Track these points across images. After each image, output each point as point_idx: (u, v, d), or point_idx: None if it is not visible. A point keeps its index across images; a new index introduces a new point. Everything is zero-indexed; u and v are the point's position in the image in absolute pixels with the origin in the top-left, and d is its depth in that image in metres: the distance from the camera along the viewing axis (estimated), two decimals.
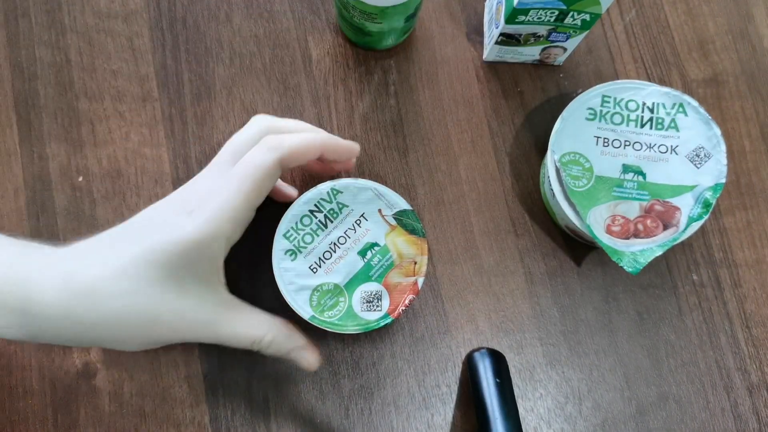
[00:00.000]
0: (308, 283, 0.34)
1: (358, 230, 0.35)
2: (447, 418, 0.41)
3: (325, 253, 0.34)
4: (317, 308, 0.34)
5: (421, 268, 0.35)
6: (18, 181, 0.43)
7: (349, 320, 0.34)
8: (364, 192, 0.35)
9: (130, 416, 0.41)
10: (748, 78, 0.47)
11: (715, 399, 0.42)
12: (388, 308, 0.34)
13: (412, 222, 0.35)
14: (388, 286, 0.34)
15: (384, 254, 0.35)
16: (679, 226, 0.39)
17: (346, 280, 0.34)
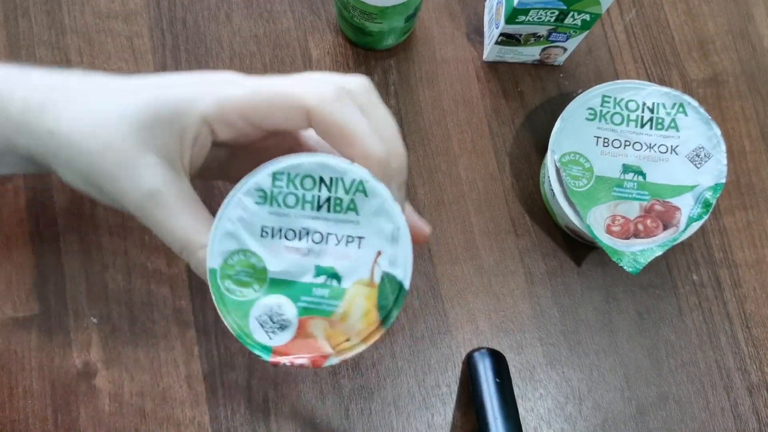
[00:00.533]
0: (244, 239, 0.25)
1: (339, 246, 0.25)
2: (447, 418, 0.41)
3: (289, 232, 0.25)
4: (226, 269, 0.25)
5: (345, 350, 0.25)
6: (18, 181, 0.43)
7: (237, 313, 0.25)
8: (385, 222, 0.25)
9: (130, 416, 0.41)
10: (748, 78, 0.47)
11: (715, 399, 0.42)
12: (277, 345, 0.25)
13: (391, 298, 0.25)
14: (302, 327, 0.25)
15: (334, 296, 0.25)
16: (679, 226, 0.39)
17: (278, 276, 0.25)
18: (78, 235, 0.42)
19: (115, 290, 0.42)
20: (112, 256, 0.42)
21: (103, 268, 0.42)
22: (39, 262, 0.42)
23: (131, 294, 0.42)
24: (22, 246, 0.42)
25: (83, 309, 0.42)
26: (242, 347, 0.42)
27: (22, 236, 0.42)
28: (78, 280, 0.42)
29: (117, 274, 0.42)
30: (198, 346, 0.41)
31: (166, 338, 0.41)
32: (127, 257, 0.42)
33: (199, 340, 0.41)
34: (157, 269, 0.42)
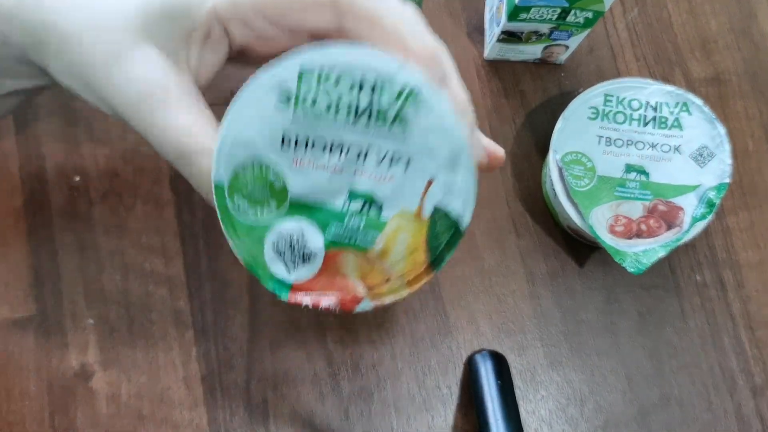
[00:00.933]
0: (260, 149, 0.20)
1: (381, 168, 0.20)
2: (448, 420, 0.41)
3: (317, 144, 0.20)
4: (236, 184, 0.20)
5: (383, 294, 0.21)
6: (15, 181, 0.43)
7: (249, 239, 0.20)
8: (442, 142, 0.19)
9: (127, 418, 0.40)
10: (751, 77, 0.47)
11: (718, 401, 0.42)
12: (298, 281, 0.21)
13: (443, 239, 0.20)
14: (330, 262, 0.21)
15: (371, 230, 0.20)
16: (683, 226, 0.39)
17: (302, 199, 0.20)
18: (74, 235, 0.42)
19: (113, 291, 0.42)
20: (109, 257, 0.42)
21: (100, 268, 0.42)
22: (35, 262, 0.42)
23: (128, 295, 0.42)
24: (18, 246, 0.42)
25: (80, 310, 0.41)
26: (241, 346, 0.41)
27: (19, 236, 0.42)
28: (75, 281, 0.42)
29: (114, 275, 0.42)
30: (196, 347, 0.41)
31: (164, 339, 0.41)
32: (124, 257, 0.42)
33: (197, 341, 0.41)
34: (154, 270, 0.42)
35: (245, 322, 0.41)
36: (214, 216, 0.43)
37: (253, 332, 0.41)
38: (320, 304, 0.21)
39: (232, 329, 0.41)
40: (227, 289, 0.42)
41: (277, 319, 0.42)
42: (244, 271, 0.42)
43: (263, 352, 0.41)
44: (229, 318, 0.42)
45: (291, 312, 0.42)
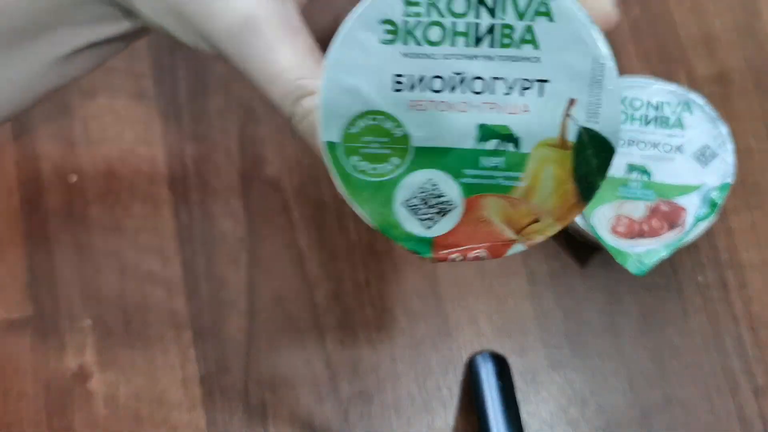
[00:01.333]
0: (370, 96, 0.18)
1: (512, 96, 0.18)
2: (448, 421, 0.41)
3: (435, 81, 0.18)
4: (349, 141, 0.18)
5: (534, 233, 0.19)
6: (11, 181, 0.42)
7: (375, 200, 0.19)
8: (580, 57, 0.17)
9: (125, 420, 0.40)
10: (755, 76, 0.46)
11: (720, 402, 0.42)
12: (440, 235, 0.19)
13: (594, 162, 0.18)
14: (471, 210, 0.19)
15: (512, 166, 0.18)
16: (685, 227, 0.39)
17: (426, 144, 0.18)
18: (71, 235, 0.42)
19: (110, 292, 0.41)
20: (106, 257, 0.42)
21: (97, 269, 0.42)
22: (32, 263, 0.41)
23: (126, 296, 0.41)
24: (14, 247, 0.42)
25: (77, 311, 0.41)
26: (239, 348, 0.41)
27: (15, 237, 0.42)
28: (72, 282, 0.41)
29: (111, 276, 0.41)
30: (194, 348, 0.41)
31: (162, 341, 0.41)
32: (121, 258, 0.42)
33: (195, 342, 0.41)
34: (151, 270, 0.42)
35: (243, 324, 0.41)
36: (214, 215, 0.42)
37: (251, 334, 0.41)
38: (469, 256, 0.19)
39: (230, 331, 0.41)
40: (225, 290, 0.42)
41: (275, 321, 0.41)
42: (242, 272, 0.42)
43: (261, 353, 0.41)
44: (227, 319, 0.41)
45: (290, 313, 0.42)
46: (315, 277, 0.42)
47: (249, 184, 0.43)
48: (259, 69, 0.19)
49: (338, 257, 0.42)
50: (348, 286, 0.42)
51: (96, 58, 0.26)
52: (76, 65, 0.25)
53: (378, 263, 0.42)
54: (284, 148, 0.43)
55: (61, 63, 0.25)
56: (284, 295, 0.42)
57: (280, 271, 0.42)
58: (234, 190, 0.43)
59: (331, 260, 0.42)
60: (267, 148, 0.43)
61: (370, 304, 0.42)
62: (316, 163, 0.43)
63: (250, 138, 0.43)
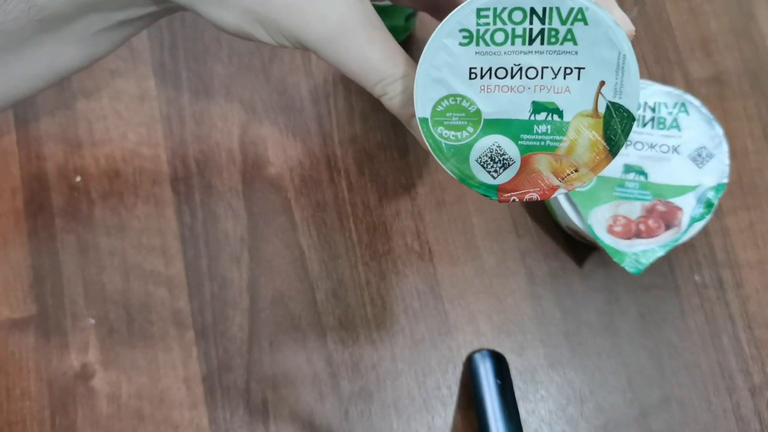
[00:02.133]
0: (452, 84, 0.24)
1: (557, 80, 0.24)
2: (448, 420, 0.41)
3: (500, 70, 0.24)
4: (436, 116, 0.24)
5: (573, 180, 0.25)
6: (15, 181, 0.43)
7: (456, 158, 0.25)
8: (608, 51, 0.23)
9: (127, 418, 0.40)
10: (751, 77, 0.47)
11: (718, 401, 0.42)
12: (503, 183, 0.25)
13: (619, 127, 0.24)
14: (526, 164, 0.25)
15: (557, 131, 0.24)
16: (682, 227, 0.39)
17: (493, 117, 0.24)
18: (75, 235, 0.42)
19: (113, 291, 0.42)
20: (109, 257, 0.42)
21: (101, 269, 0.42)
22: (36, 262, 0.42)
23: (129, 295, 0.42)
24: (19, 247, 0.42)
25: (81, 310, 0.41)
26: (240, 347, 0.41)
27: (19, 237, 0.42)
28: (75, 281, 0.42)
29: (114, 275, 0.42)
30: (196, 347, 0.41)
31: (164, 340, 0.41)
32: (125, 258, 0.42)
33: (197, 341, 0.41)
34: (154, 270, 0.42)
35: (245, 323, 0.42)
36: (216, 216, 0.43)
37: (253, 332, 0.41)
38: (524, 197, 0.25)
39: (232, 329, 0.41)
40: (227, 289, 0.42)
41: (276, 320, 0.42)
42: (243, 272, 0.42)
43: (263, 352, 0.41)
44: (229, 318, 0.42)
45: (291, 312, 0.42)
46: (316, 276, 0.42)
47: (251, 185, 0.43)
48: (354, 65, 0.24)
49: (339, 257, 0.43)
50: (348, 286, 0.42)
51: (123, 35, 0.27)
52: (104, 44, 0.26)
53: (378, 263, 0.43)
54: (285, 149, 0.44)
55: (90, 42, 0.26)
56: (285, 295, 0.42)
57: (282, 270, 0.42)
58: (236, 190, 0.43)
59: (331, 260, 0.42)
60: (268, 149, 0.44)
61: (370, 303, 0.42)
62: (317, 163, 0.44)
63: (252, 139, 0.44)
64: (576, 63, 0.24)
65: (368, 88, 0.25)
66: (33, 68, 0.26)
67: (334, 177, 0.44)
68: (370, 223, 0.43)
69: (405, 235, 0.43)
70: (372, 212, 0.43)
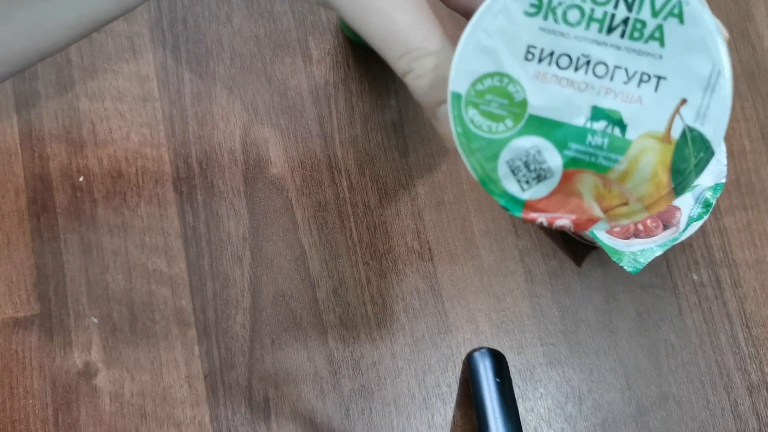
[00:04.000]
0: (503, 60, 0.19)
1: (629, 86, 0.19)
2: (447, 417, 0.41)
3: (563, 58, 0.19)
4: (473, 95, 0.19)
5: (619, 216, 0.20)
6: (19, 181, 0.43)
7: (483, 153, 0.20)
8: (701, 61, 0.18)
9: (130, 416, 0.41)
10: (748, 78, 0.47)
11: (715, 399, 0.42)
12: (531, 199, 0.20)
13: (692, 161, 0.19)
14: (566, 181, 0.20)
15: (615, 148, 0.19)
16: (680, 226, 0.39)
17: (540, 113, 0.19)
18: (78, 235, 0.42)
19: (116, 290, 0.42)
20: (112, 256, 0.42)
21: (104, 268, 0.42)
22: (39, 262, 0.42)
23: (132, 294, 0.42)
24: (22, 246, 0.42)
25: (84, 309, 0.42)
26: (242, 345, 0.42)
27: (23, 236, 0.42)
28: (78, 280, 0.42)
29: (117, 274, 0.42)
30: (198, 345, 0.41)
31: (167, 338, 0.41)
32: (128, 257, 0.42)
33: (199, 339, 0.41)
34: (157, 269, 0.42)
35: (247, 321, 0.42)
36: (218, 215, 0.43)
37: (255, 331, 0.42)
38: (555, 223, 0.20)
39: (234, 328, 0.42)
40: (229, 288, 0.42)
41: (278, 318, 0.42)
42: (245, 271, 0.42)
43: (264, 350, 0.42)
44: (231, 317, 0.42)
45: (292, 310, 0.43)
46: (317, 275, 0.43)
47: (253, 185, 0.43)
48: (379, 27, 0.20)
49: (340, 256, 0.43)
50: (349, 285, 0.43)
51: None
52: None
53: (379, 262, 0.43)
54: (287, 150, 0.44)
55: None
56: (287, 293, 0.42)
57: (283, 269, 0.43)
58: (238, 190, 0.43)
59: (332, 259, 0.43)
60: (270, 150, 0.44)
61: (371, 302, 0.42)
62: (318, 164, 0.44)
63: (254, 140, 0.44)
64: (657, 70, 0.19)
65: (392, 62, 0.20)
66: (62, 16, 0.23)
67: (335, 177, 0.44)
68: (371, 223, 0.43)
69: (405, 234, 0.43)
70: (372, 212, 0.44)
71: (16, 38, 0.23)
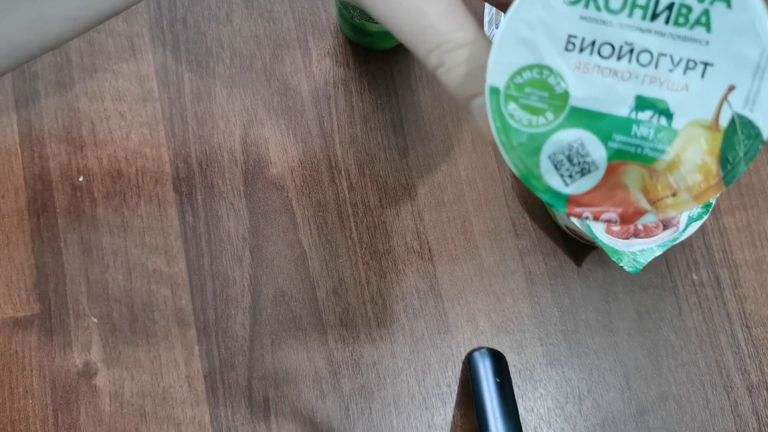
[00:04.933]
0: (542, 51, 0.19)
1: (675, 73, 0.18)
2: (447, 417, 0.41)
3: (605, 47, 0.19)
4: (512, 89, 0.19)
5: (668, 207, 0.19)
6: (19, 181, 0.43)
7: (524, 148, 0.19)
8: (749, 46, 0.18)
9: (130, 416, 0.41)
10: None
11: (715, 399, 0.43)
12: (575, 194, 0.19)
13: (742, 148, 0.19)
14: (611, 174, 0.19)
15: (661, 138, 0.19)
16: (679, 226, 0.39)
17: (583, 105, 0.19)
18: (78, 235, 0.42)
19: (116, 290, 0.42)
20: (112, 256, 0.42)
21: (104, 268, 0.42)
22: (39, 261, 0.42)
23: (132, 294, 0.42)
24: (22, 246, 0.42)
25: (84, 309, 0.42)
26: (242, 345, 0.42)
27: (23, 236, 0.42)
28: (78, 280, 0.42)
29: (117, 274, 0.42)
30: (198, 345, 0.42)
31: (167, 338, 0.42)
32: (128, 257, 0.42)
33: (199, 339, 0.42)
34: (157, 269, 0.42)
35: (247, 321, 0.42)
36: (218, 215, 0.43)
37: (255, 331, 0.42)
38: (601, 217, 0.20)
39: (234, 328, 0.42)
40: (229, 288, 0.42)
41: (278, 318, 0.42)
42: (245, 271, 0.42)
43: (264, 350, 0.42)
44: (231, 317, 0.42)
45: (292, 310, 0.43)
46: (317, 275, 0.43)
47: (252, 185, 0.43)
48: (408, 20, 0.19)
49: (340, 256, 0.43)
50: (349, 285, 0.43)
51: None
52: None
53: (379, 262, 0.43)
54: (287, 150, 0.44)
55: None
56: (287, 293, 0.42)
57: (283, 269, 0.43)
58: (238, 190, 0.43)
59: (332, 259, 0.43)
60: (270, 150, 0.44)
61: (371, 302, 0.43)
62: (318, 163, 0.44)
63: (254, 140, 0.44)
64: (703, 56, 0.18)
65: (422, 57, 0.20)
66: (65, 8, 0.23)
67: (334, 177, 0.44)
68: (371, 223, 0.43)
69: (405, 234, 0.43)
70: (372, 212, 0.44)
71: (18, 30, 0.23)
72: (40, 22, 0.22)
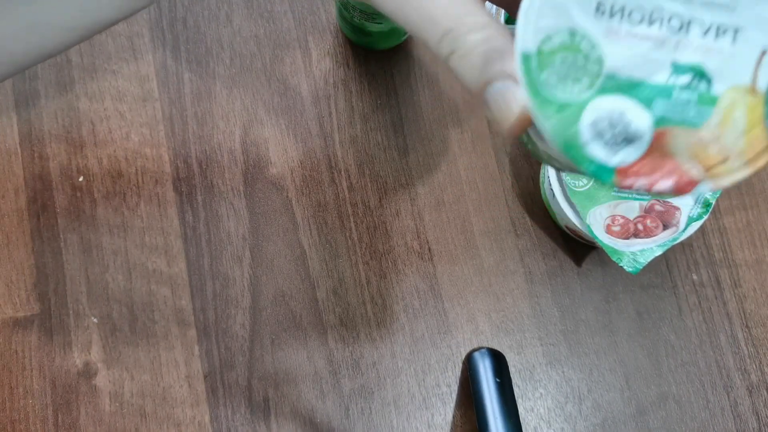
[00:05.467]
0: (574, 15, 0.18)
1: (707, 39, 0.18)
2: (447, 417, 0.41)
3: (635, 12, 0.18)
4: (544, 55, 0.18)
5: (722, 174, 0.18)
6: (18, 181, 0.43)
7: (561, 118, 0.18)
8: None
9: (130, 416, 0.41)
10: None
11: (715, 399, 0.43)
12: (622, 165, 0.18)
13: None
14: (658, 142, 0.18)
15: (704, 104, 0.18)
16: (679, 226, 0.39)
17: (618, 72, 0.18)
18: (78, 235, 0.42)
19: (116, 290, 0.42)
20: (112, 256, 0.42)
21: (104, 268, 0.42)
22: (39, 261, 0.42)
23: (132, 294, 0.42)
24: (22, 246, 0.42)
25: (84, 309, 0.42)
26: (242, 345, 0.42)
27: (23, 236, 0.42)
28: (78, 280, 0.42)
29: (117, 274, 0.42)
30: (198, 345, 0.42)
31: (167, 338, 0.42)
32: (128, 257, 0.42)
33: (199, 339, 0.42)
34: (157, 269, 0.42)
35: (247, 321, 0.42)
36: (218, 215, 0.43)
37: (255, 331, 0.42)
38: (654, 188, 0.18)
39: (234, 328, 0.42)
40: (229, 288, 0.42)
41: (278, 318, 0.42)
42: (245, 271, 0.42)
43: (264, 350, 0.42)
44: (231, 317, 0.42)
45: (292, 310, 0.43)
46: (317, 275, 0.43)
47: (252, 185, 0.43)
48: (418, 8, 0.19)
49: (340, 256, 0.43)
50: (349, 285, 0.43)
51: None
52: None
53: (378, 262, 0.43)
54: (287, 150, 0.44)
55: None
56: (287, 293, 0.42)
57: (283, 269, 0.43)
58: (238, 190, 0.43)
59: (332, 259, 0.43)
60: (270, 150, 0.44)
61: (370, 302, 0.43)
62: (318, 164, 0.44)
63: (254, 140, 0.44)
64: (732, 21, 0.18)
65: (432, 45, 0.19)
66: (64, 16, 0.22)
67: (334, 177, 0.44)
68: (371, 223, 0.43)
69: (405, 234, 0.43)
70: (372, 212, 0.44)
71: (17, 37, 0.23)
72: (39, 28, 0.22)
